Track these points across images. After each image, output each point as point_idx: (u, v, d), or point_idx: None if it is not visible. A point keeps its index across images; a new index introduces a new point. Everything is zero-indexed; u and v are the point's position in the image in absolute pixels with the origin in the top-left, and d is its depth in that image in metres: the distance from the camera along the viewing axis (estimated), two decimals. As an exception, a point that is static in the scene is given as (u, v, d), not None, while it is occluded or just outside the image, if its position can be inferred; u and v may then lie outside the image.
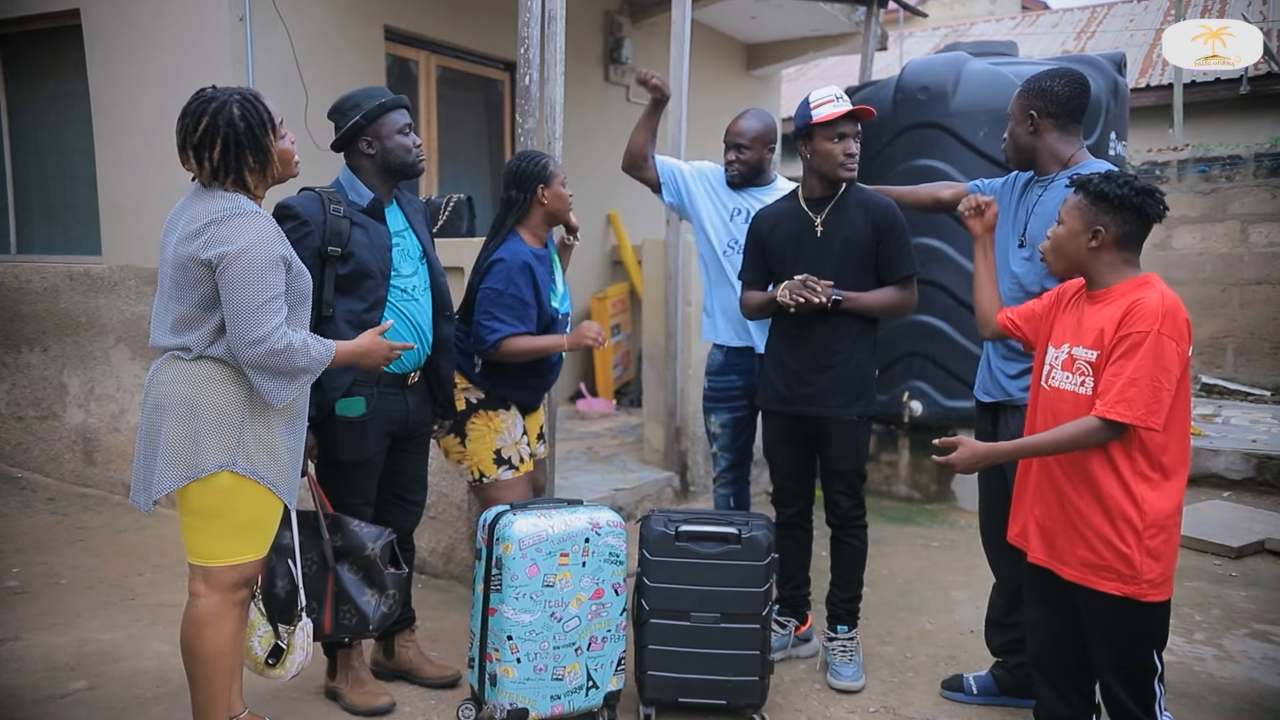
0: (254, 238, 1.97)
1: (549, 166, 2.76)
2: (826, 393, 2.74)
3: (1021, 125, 2.41)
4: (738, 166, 3.14)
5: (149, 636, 3.00)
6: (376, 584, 2.40)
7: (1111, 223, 1.97)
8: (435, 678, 2.72)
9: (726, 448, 3.22)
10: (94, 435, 4.66)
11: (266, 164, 2.06)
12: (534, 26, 3.46)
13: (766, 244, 2.83)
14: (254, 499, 2.06)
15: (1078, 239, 2.01)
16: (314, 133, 4.22)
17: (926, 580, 3.68)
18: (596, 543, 2.43)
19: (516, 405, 2.80)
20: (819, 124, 2.68)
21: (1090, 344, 1.98)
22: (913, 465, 4.92)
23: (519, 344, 2.64)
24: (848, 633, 2.84)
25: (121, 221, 4.56)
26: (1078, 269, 2.05)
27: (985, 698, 2.65)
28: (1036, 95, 2.36)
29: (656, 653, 2.50)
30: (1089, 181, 2.00)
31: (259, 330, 1.95)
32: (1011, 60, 4.89)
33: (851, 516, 2.82)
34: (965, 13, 15.92)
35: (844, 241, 2.72)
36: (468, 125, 5.87)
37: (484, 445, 2.74)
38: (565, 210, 2.79)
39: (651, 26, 6.60)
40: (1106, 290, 2.02)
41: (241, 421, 2.02)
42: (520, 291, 2.64)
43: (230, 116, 2.00)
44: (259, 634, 2.23)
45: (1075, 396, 1.99)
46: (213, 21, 4.15)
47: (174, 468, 2.00)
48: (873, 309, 2.74)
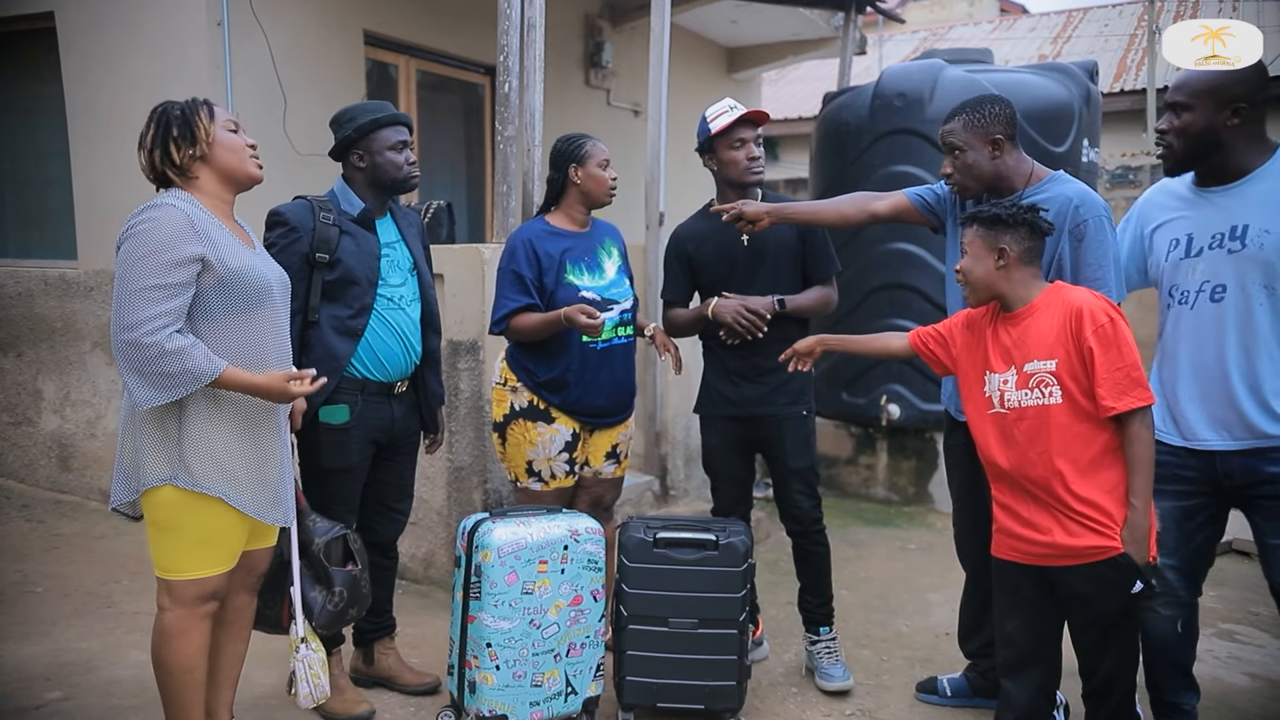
0: (152, 224, 1.91)
1: (584, 146, 2.75)
2: (773, 393, 2.78)
3: (983, 152, 2.34)
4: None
5: (126, 645, 2.98)
6: (323, 580, 2.31)
7: (1012, 240, 2.10)
8: (415, 685, 2.73)
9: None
10: (70, 441, 4.63)
11: (195, 142, 2.00)
12: (513, 34, 3.47)
13: (694, 261, 2.87)
14: (207, 513, 2.00)
15: (985, 263, 2.13)
16: (293, 138, 4.22)
17: (903, 582, 3.73)
18: (575, 549, 2.45)
19: (572, 419, 2.73)
20: (718, 135, 2.75)
21: (1045, 355, 2.05)
22: (890, 468, 4.97)
23: (525, 320, 2.65)
24: (829, 634, 2.87)
25: (98, 226, 4.52)
26: (992, 292, 2.15)
27: (959, 699, 2.70)
28: (994, 120, 2.34)
29: (635, 658, 2.52)
30: (979, 213, 2.16)
31: (131, 316, 1.86)
32: (987, 67, 4.96)
33: (812, 519, 2.83)
34: (945, 16, 16.06)
35: (772, 248, 2.79)
36: (448, 130, 5.86)
37: (519, 453, 2.75)
38: (602, 192, 2.77)
39: (632, 30, 6.62)
40: (1028, 306, 2.11)
41: (180, 435, 1.96)
42: (518, 266, 2.67)
43: (165, 113, 2.03)
44: (294, 657, 2.20)
45: (1041, 409, 2.05)
46: (190, 26, 4.13)
47: (123, 480, 2.01)
48: (809, 310, 2.82)
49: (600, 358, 2.74)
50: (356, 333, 2.46)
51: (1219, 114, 2.09)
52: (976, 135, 2.34)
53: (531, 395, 2.71)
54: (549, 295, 2.68)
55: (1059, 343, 2.03)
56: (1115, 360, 1.99)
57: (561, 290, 2.68)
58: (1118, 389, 1.98)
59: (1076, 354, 2.01)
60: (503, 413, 2.75)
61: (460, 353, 3.53)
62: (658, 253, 4.46)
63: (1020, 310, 2.11)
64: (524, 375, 2.72)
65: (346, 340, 2.45)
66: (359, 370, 2.49)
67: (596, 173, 2.74)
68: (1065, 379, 2.02)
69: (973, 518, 2.54)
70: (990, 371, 2.14)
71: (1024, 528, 2.09)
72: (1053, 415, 2.03)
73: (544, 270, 2.68)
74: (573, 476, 2.80)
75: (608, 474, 2.89)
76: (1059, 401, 2.02)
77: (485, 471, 3.54)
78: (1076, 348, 2.01)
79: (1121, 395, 1.98)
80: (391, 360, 2.52)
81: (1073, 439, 2.02)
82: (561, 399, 2.71)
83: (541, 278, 2.67)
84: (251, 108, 4.14)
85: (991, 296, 2.17)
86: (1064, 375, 2.02)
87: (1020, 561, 2.12)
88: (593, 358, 2.72)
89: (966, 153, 2.36)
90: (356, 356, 2.47)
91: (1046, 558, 2.06)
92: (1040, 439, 2.04)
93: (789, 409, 2.79)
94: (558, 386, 2.71)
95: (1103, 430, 2.02)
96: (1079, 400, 2.02)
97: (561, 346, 2.69)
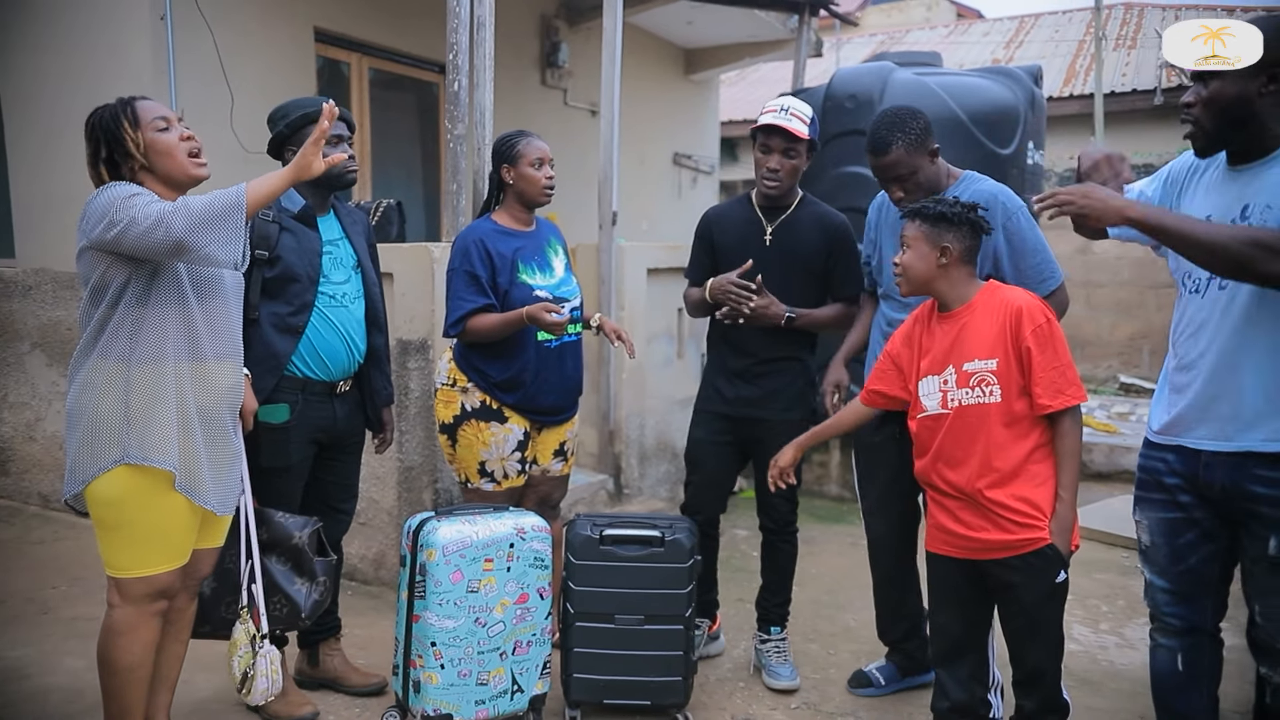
0: (108, 189, 1.95)
1: (516, 145, 2.71)
2: (768, 396, 2.77)
3: (927, 166, 2.38)
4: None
5: (62, 652, 2.91)
6: (306, 572, 2.37)
7: (955, 239, 2.12)
8: (361, 686, 2.71)
9: None
10: (7, 444, 4.50)
11: (129, 155, 1.99)
12: (462, 33, 3.46)
13: (715, 244, 2.84)
14: (156, 504, 1.99)
15: (927, 259, 2.14)
16: (241, 136, 4.16)
17: (853, 578, 3.77)
18: (521, 548, 2.45)
19: (524, 418, 2.73)
20: (755, 129, 2.70)
21: (985, 355, 2.08)
22: (844, 465, 5.02)
23: (483, 321, 2.62)
24: (780, 634, 2.89)
25: (36, 224, 4.41)
26: (928, 289, 2.17)
27: (893, 685, 2.76)
28: (925, 132, 2.37)
29: (582, 655, 2.53)
30: (925, 207, 2.14)
31: (125, 215, 1.86)
32: (935, 71, 5.04)
33: (787, 521, 2.86)
34: (903, 19, 16.28)
35: (793, 254, 2.73)
36: (401, 128, 5.82)
37: (471, 454, 2.72)
38: (536, 192, 2.71)
39: (588, 30, 6.62)
40: (966, 305, 2.14)
41: (127, 416, 1.96)
42: (472, 266, 2.64)
43: (94, 127, 2.01)
44: (239, 654, 2.21)
45: (981, 408, 2.08)
46: (131, 20, 4.05)
47: (73, 471, 1.99)
48: (822, 326, 2.77)
49: (553, 356, 2.74)
50: (297, 330, 2.43)
51: (1254, 80, 1.78)
52: (919, 154, 2.38)
53: (484, 395, 2.69)
54: (503, 295, 2.66)
55: (999, 343, 2.07)
56: (1051, 360, 2.04)
57: (516, 290, 2.67)
58: (1053, 388, 2.03)
59: (1015, 354, 2.06)
60: (452, 414, 2.73)
61: (410, 352, 3.51)
62: (610, 252, 4.47)
63: (959, 310, 2.14)
64: (475, 375, 2.70)
65: (287, 338, 2.42)
66: (300, 369, 2.46)
67: (529, 172, 2.70)
68: (1004, 378, 2.06)
69: (899, 517, 2.60)
70: (931, 374, 2.17)
71: (958, 524, 2.13)
72: (991, 414, 2.06)
73: (498, 270, 2.66)
74: (524, 475, 2.79)
75: (556, 471, 2.89)
76: (998, 401, 2.06)
77: (436, 471, 3.52)
78: (1015, 347, 2.05)
79: (1057, 394, 2.03)
80: (334, 358, 2.50)
81: (1009, 437, 2.06)
82: (516, 398, 2.70)
83: (495, 277, 2.66)
84: (197, 105, 4.08)
85: (926, 293, 2.19)
86: (1003, 375, 2.06)
87: (954, 556, 2.16)
88: (546, 356, 2.72)
89: (917, 173, 2.39)
90: (298, 354, 2.45)
91: (979, 551, 2.11)
92: (979, 437, 2.07)
93: (782, 415, 2.76)
94: (513, 386, 2.69)
95: (1035, 427, 2.07)
96: (1015, 400, 2.06)
97: (518, 346, 2.68)
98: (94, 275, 1.97)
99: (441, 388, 2.77)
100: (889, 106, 2.51)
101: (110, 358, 1.97)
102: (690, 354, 4.94)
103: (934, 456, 2.15)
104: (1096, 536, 4.24)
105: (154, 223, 1.85)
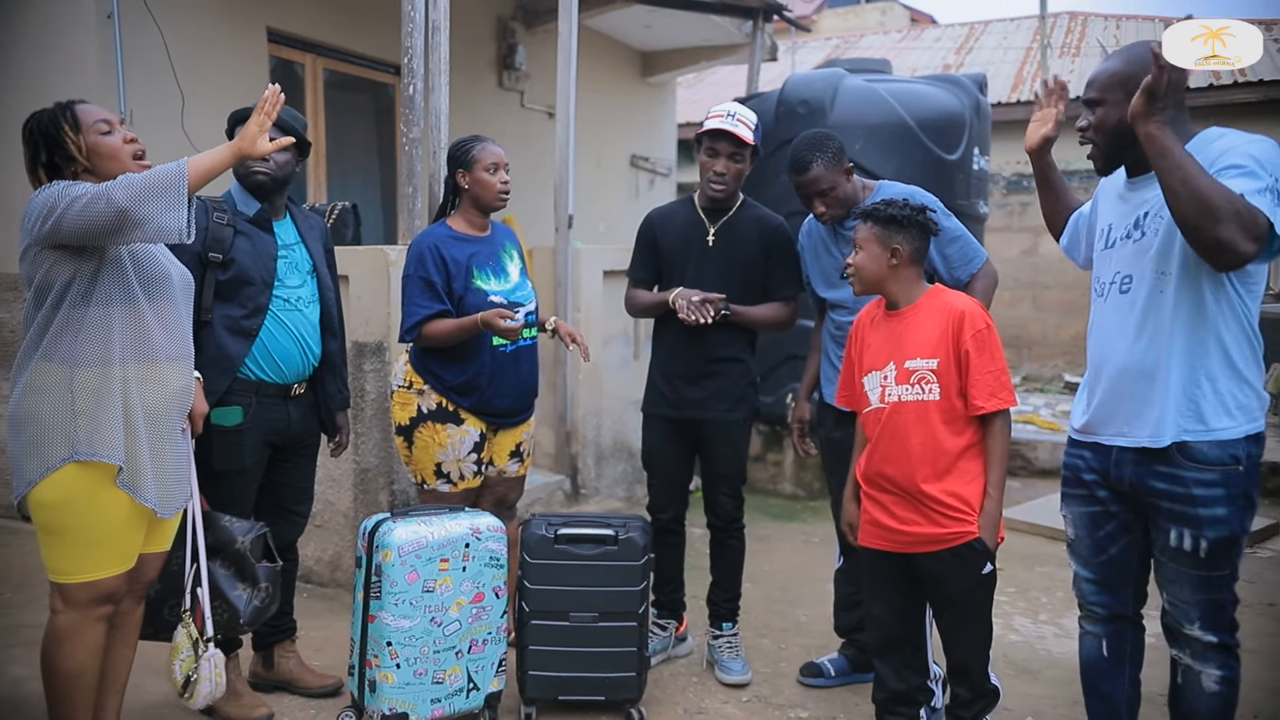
0: (49, 186, 1.96)
1: (471, 151, 2.74)
2: (711, 397, 2.84)
3: (844, 183, 2.58)
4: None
5: (4, 661, 2.87)
6: (249, 578, 2.35)
7: (905, 240, 2.21)
8: (316, 687, 2.72)
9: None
10: (-49, 450, 4.40)
11: (71, 159, 2.00)
12: (417, 36, 3.48)
13: (659, 245, 2.90)
14: (101, 508, 1.98)
15: (879, 260, 2.22)
16: (193, 138, 4.12)
17: (805, 575, 3.86)
18: (477, 547, 2.48)
19: (480, 420, 2.76)
20: (701, 133, 2.77)
21: (927, 354, 2.17)
22: (797, 464, 5.12)
23: (438, 326, 2.65)
24: (731, 629, 2.96)
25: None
26: (879, 288, 2.26)
27: (843, 678, 2.84)
28: (840, 152, 2.56)
29: (537, 653, 2.57)
30: (876, 209, 2.24)
31: (65, 198, 1.88)
32: (885, 77, 5.17)
33: (733, 518, 2.93)
34: (858, 24, 16.54)
35: (734, 255, 2.81)
36: (356, 130, 5.79)
37: (427, 456, 2.74)
38: (491, 197, 2.75)
39: (545, 33, 6.64)
40: (913, 305, 2.23)
41: (74, 412, 1.96)
42: (427, 273, 2.66)
43: (33, 132, 2.01)
44: (181, 658, 2.20)
45: (920, 405, 2.17)
46: (76, 17, 3.98)
47: (21, 473, 1.98)
48: (758, 324, 2.85)
49: (508, 360, 2.77)
50: (250, 333, 2.44)
51: (1127, 106, 1.86)
52: (836, 170, 2.56)
53: (440, 398, 2.72)
54: (458, 300, 2.69)
55: (940, 344, 2.16)
56: (988, 364, 2.14)
57: (470, 295, 2.70)
58: (987, 390, 2.13)
59: (954, 355, 2.15)
60: (409, 416, 2.75)
61: (366, 354, 3.52)
62: (567, 254, 4.51)
63: (905, 309, 2.23)
64: (431, 379, 2.73)
65: (240, 340, 2.43)
66: (254, 371, 2.47)
67: (484, 177, 2.73)
68: (943, 378, 2.15)
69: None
70: (874, 369, 2.25)
71: (891, 519, 2.21)
72: (929, 411, 2.15)
73: (452, 276, 2.69)
74: (480, 477, 2.82)
75: (512, 473, 2.93)
76: (936, 399, 2.15)
77: (392, 473, 3.53)
78: (955, 349, 2.15)
79: (990, 396, 2.13)
80: (288, 361, 2.51)
81: (943, 435, 2.15)
82: (471, 401, 2.73)
83: (450, 283, 2.69)
84: (147, 106, 4.03)
85: (878, 292, 2.27)
86: (943, 374, 2.15)
87: (887, 550, 2.24)
88: (501, 360, 2.76)
89: (836, 189, 2.56)
90: (251, 357, 2.46)
91: (911, 545, 2.19)
92: (915, 434, 2.16)
93: (726, 415, 2.83)
94: (468, 389, 2.73)
95: (968, 427, 2.16)
96: (952, 399, 2.15)
97: (473, 350, 2.71)
98: (37, 274, 1.96)
99: (398, 390, 2.79)
100: (806, 131, 2.66)
101: (54, 360, 1.97)
102: (646, 355, 4.99)
103: (872, 451, 2.24)
104: (1039, 531, 4.39)
105: (94, 196, 1.87)
